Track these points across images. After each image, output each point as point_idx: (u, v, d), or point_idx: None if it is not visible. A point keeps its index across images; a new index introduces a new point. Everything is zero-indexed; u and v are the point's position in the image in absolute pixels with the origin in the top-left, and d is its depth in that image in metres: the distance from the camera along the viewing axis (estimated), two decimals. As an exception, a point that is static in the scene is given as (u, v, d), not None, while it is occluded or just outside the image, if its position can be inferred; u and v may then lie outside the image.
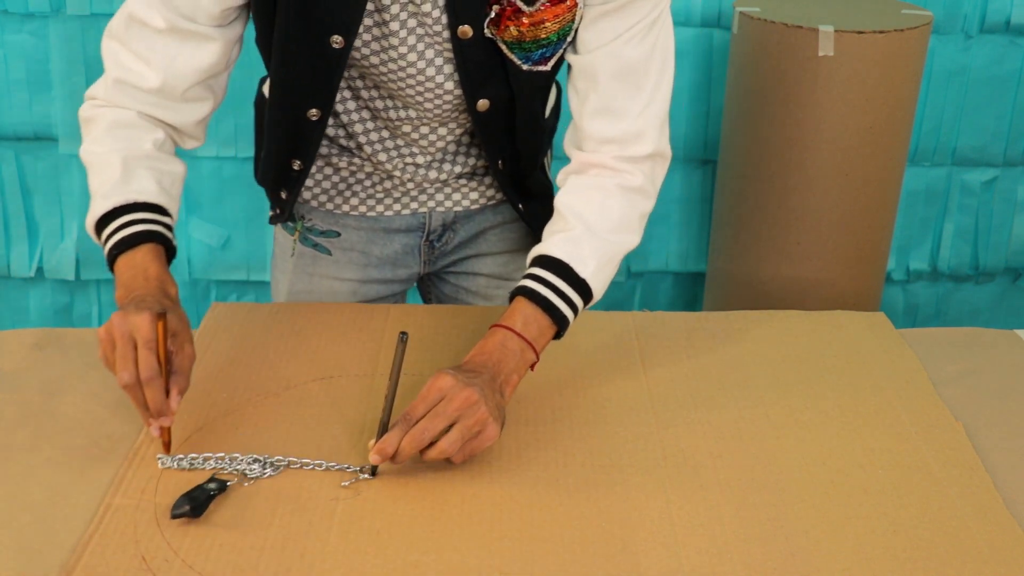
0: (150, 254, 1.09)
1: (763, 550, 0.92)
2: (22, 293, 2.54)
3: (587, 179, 1.16)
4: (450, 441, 0.98)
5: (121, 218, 1.10)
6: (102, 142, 1.14)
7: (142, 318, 0.99)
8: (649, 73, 1.14)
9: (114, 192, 1.11)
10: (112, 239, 1.09)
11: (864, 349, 1.26)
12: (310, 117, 1.19)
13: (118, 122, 1.14)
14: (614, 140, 1.15)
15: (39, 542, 0.92)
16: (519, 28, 1.11)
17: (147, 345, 0.98)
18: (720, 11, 2.33)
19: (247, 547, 0.91)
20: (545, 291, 1.10)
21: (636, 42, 1.12)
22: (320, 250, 1.37)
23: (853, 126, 1.95)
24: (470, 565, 0.90)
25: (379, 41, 1.13)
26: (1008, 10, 2.31)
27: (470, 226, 1.38)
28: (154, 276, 1.07)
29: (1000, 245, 2.57)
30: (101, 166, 1.13)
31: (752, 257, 2.12)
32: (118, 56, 1.14)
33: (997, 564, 0.91)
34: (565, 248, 1.12)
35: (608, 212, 1.14)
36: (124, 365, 0.98)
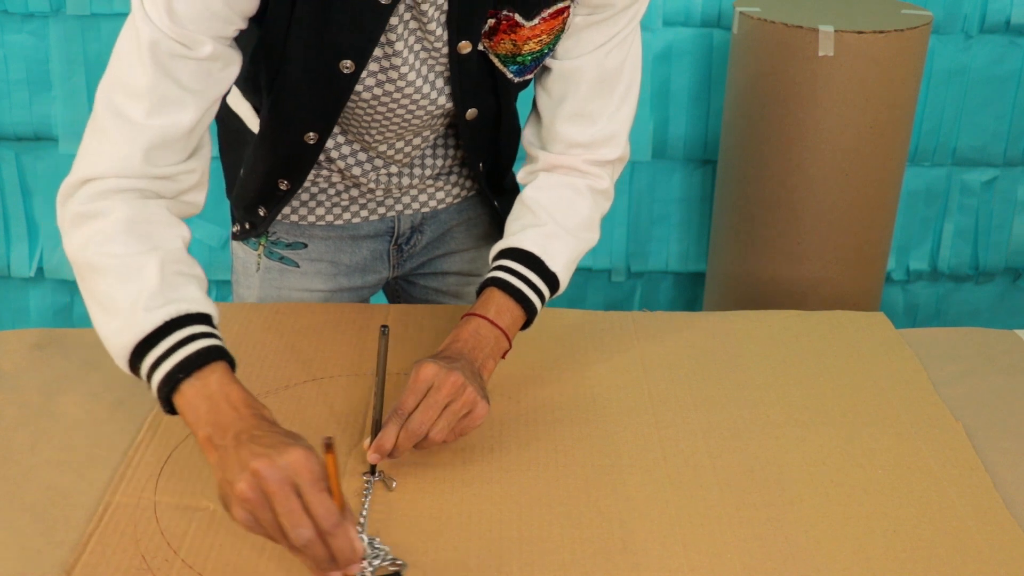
0: (226, 376, 0.91)
1: (763, 550, 0.92)
2: (22, 293, 2.54)
3: (557, 178, 1.19)
4: (439, 429, 0.99)
5: (174, 334, 0.91)
6: (123, 242, 0.94)
7: (296, 455, 0.81)
8: (621, 80, 1.17)
9: (159, 302, 0.91)
10: (167, 362, 0.90)
11: (864, 349, 1.27)
12: (307, 140, 1.16)
13: (138, 217, 0.96)
14: (584, 144, 1.18)
15: (39, 542, 0.92)
16: (515, 42, 1.12)
17: (315, 486, 0.80)
18: (720, 11, 2.33)
19: (247, 547, 0.91)
20: (518, 282, 1.12)
21: (616, 50, 1.15)
22: (287, 263, 1.34)
23: (853, 126, 1.95)
24: (470, 565, 0.90)
25: (379, 62, 1.11)
26: (1008, 10, 2.31)
27: (436, 226, 1.37)
28: (242, 403, 0.89)
29: (1000, 245, 2.57)
30: (128, 272, 0.93)
31: (752, 257, 2.12)
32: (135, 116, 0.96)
33: (997, 564, 0.91)
34: (538, 243, 1.15)
35: (577, 210, 1.18)
36: (296, 520, 0.79)
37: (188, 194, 1.03)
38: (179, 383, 0.90)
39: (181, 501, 0.97)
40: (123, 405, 1.12)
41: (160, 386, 0.90)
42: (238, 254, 1.39)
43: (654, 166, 2.47)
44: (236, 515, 0.82)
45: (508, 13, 1.10)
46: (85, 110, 2.33)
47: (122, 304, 0.92)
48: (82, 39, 2.27)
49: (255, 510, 0.81)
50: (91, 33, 2.27)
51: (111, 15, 2.25)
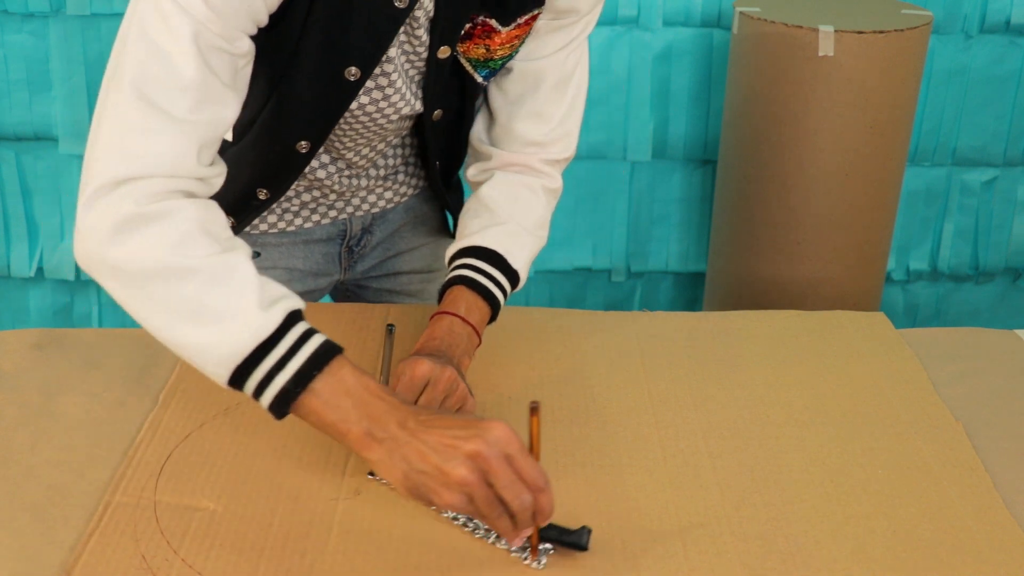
0: (354, 368, 0.88)
1: (763, 550, 0.92)
2: (22, 293, 2.54)
3: (513, 176, 1.22)
4: None
5: (292, 332, 0.87)
6: (203, 243, 0.88)
7: (501, 429, 0.83)
8: (572, 81, 1.21)
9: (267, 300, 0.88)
10: (294, 360, 0.86)
11: (864, 349, 1.27)
12: (299, 149, 1.14)
13: (206, 217, 0.90)
14: (539, 143, 1.21)
15: (39, 542, 0.92)
16: (488, 47, 1.13)
17: (524, 453, 0.83)
18: (720, 11, 2.33)
19: (247, 547, 0.91)
20: (484, 280, 1.15)
21: (575, 53, 1.19)
22: None
23: (853, 126, 1.95)
24: (470, 565, 0.90)
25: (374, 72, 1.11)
26: (1008, 10, 2.31)
27: (385, 226, 1.38)
28: (382, 391, 0.88)
29: (1000, 245, 2.57)
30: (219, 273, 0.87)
31: (752, 257, 2.13)
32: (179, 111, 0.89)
33: (997, 564, 0.91)
34: (501, 242, 1.17)
35: (534, 209, 1.21)
36: (518, 489, 0.83)
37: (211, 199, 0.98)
38: (311, 381, 0.86)
39: (181, 501, 0.97)
40: (123, 405, 1.12)
41: (288, 387, 0.86)
42: None
43: (654, 166, 2.47)
44: (447, 499, 0.83)
45: (485, 19, 1.11)
46: (85, 110, 2.33)
47: (223, 307, 0.86)
48: (82, 39, 2.27)
49: (474, 491, 0.82)
50: (91, 33, 2.27)
51: (111, 15, 2.25)
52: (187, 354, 0.88)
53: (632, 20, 2.32)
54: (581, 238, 2.53)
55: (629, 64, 2.35)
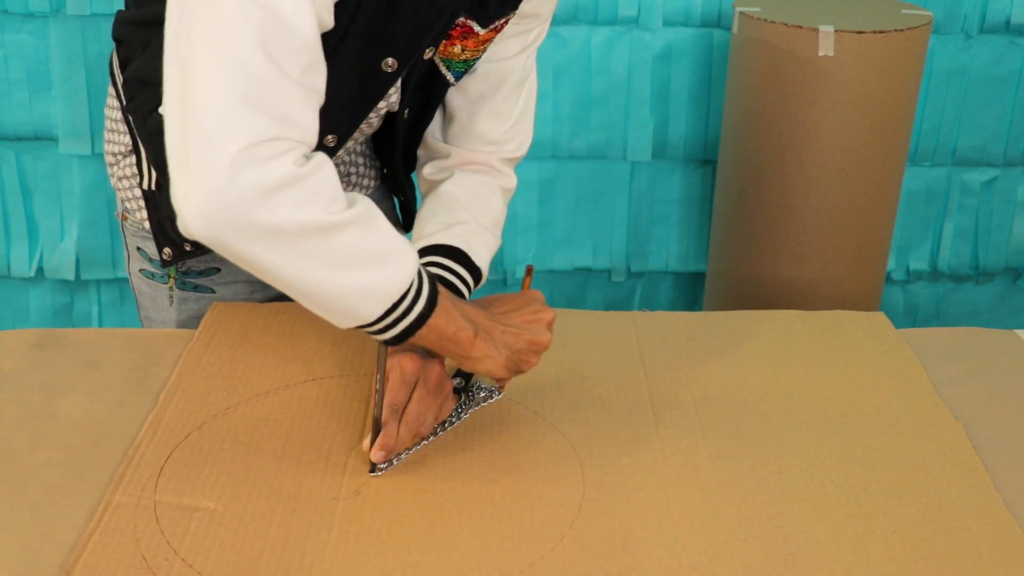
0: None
1: (763, 550, 0.92)
2: (22, 293, 2.54)
3: (472, 176, 1.24)
4: (427, 425, 1.03)
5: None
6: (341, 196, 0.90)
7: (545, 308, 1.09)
8: (528, 82, 1.24)
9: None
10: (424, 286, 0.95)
11: (864, 349, 1.27)
12: (326, 143, 1.12)
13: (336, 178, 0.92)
14: (496, 141, 1.24)
15: (39, 542, 0.92)
16: (464, 47, 1.14)
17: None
18: (720, 11, 2.33)
19: (247, 547, 0.91)
20: (451, 278, 1.16)
21: (532, 57, 1.24)
22: (202, 290, 1.29)
23: (853, 126, 1.95)
24: (470, 565, 0.90)
25: None
26: (1008, 10, 2.31)
27: None
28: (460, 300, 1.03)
29: (1000, 245, 2.57)
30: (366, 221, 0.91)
31: (752, 257, 2.12)
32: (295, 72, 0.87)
33: (997, 564, 0.91)
34: (462, 239, 1.18)
35: (493, 209, 1.24)
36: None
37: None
38: (437, 302, 0.96)
39: (181, 501, 0.97)
40: (123, 405, 1.12)
41: (424, 311, 0.94)
42: (142, 289, 1.32)
43: (654, 166, 2.47)
44: (535, 362, 1.06)
45: (466, 19, 1.12)
46: (85, 110, 2.33)
47: (382, 249, 0.90)
48: (82, 39, 2.27)
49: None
50: (91, 33, 2.27)
51: (111, 15, 2.25)
52: (348, 301, 0.91)
53: (632, 20, 2.32)
54: (581, 238, 2.53)
55: (629, 64, 2.35)
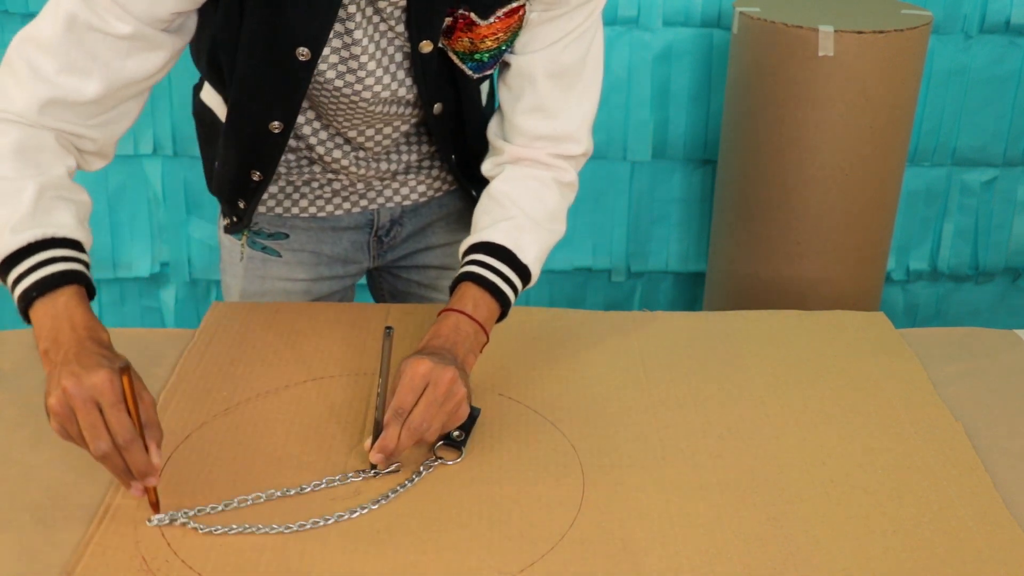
0: (74, 298, 0.97)
1: (763, 550, 0.92)
2: (22, 293, 2.54)
3: (523, 170, 1.20)
4: (433, 431, 1.00)
5: (36, 256, 0.98)
6: (9, 165, 1.00)
7: (101, 377, 0.88)
8: (582, 76, 1.19)
9: (26, 225, 0.98)
10: (26, 280, 0.97)
11: (864, 349, 1.27)
12: (272, 130, 1.17)
13: (28, 144, 1.02)
14: (547, 137, 1.19)
15: (39, 542, 0.92)
16: (471, 39, 1.13)
17: (115, 406, 0.89)
18: (720, 11, 2.33)
19: (247, 547, 0.91)
20: (492, 276, 1.13)
21: (573, 46, 1.16)
22: (269, 252, 1.36)
23: (853, 126, 1.95)
24: (470, 565, 0.90)
25: (339, 53, 1.12)
26: (1008, 10, 2.31)
27: (416, 220, 1.39)
28: (81, 324, 0.95)
29: (1000, 245, 2.57)
30: (8, 193, 0.99)
31: (752, 257, 2.12)
32: (42, 69, 1.01)
33: (997, 564, 0.91)
34: (508, 235, 1.16)
35: (545, 203, 1.20)
36: (96, 434, 0.88)
37: (85, 154, 1.09)
38: (33, 301, 0.97)
39: (181, 502, 0.97)
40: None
41: (18, 301, 0.98)
42: (225, 244, 1.41)
43: (654, 166, 2.47)
44: (51, 424, 0.91)
45: (464, 12, 1.11)
46: (85, 110, 2.33)
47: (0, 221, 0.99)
48: None
49: (63, 422, 0.90)
50: (91, 33, 2.27)
51: (111, 15, 2.25)
52: None
53: (632, 20, 2.32)
54: (581, 238, 2.53)
55: (629, 64, 2.35)
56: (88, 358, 0.91)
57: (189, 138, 2.36)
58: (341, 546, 0.92)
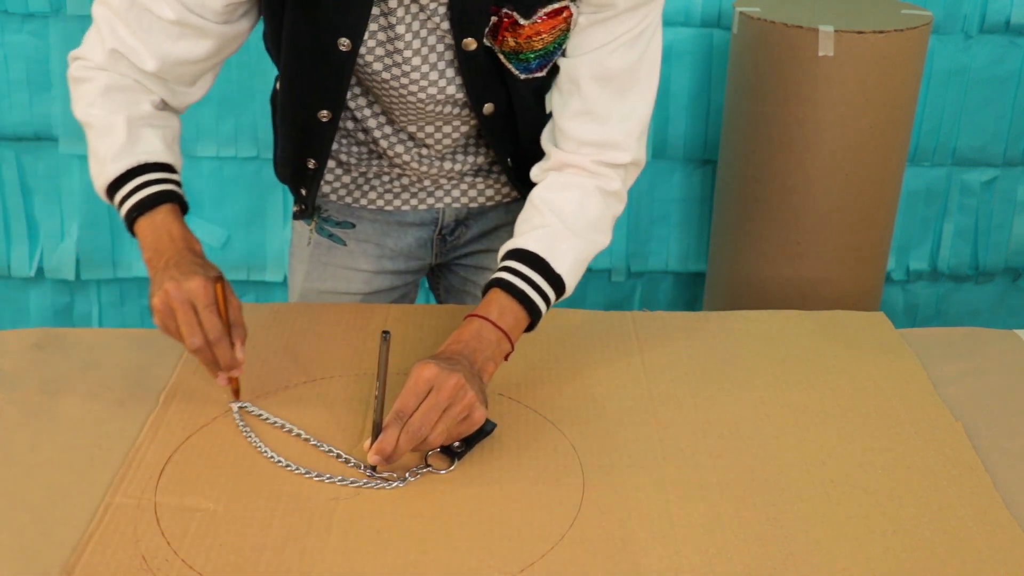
0: (170, 215, 1.12)
1: (763, 550, 0.92)
2: (22, 293, 2.54)
3: (565, 177, 1.18)
4: (437, 433, 0.99)
5: (134, 180, 1.13)
6: (100, 105, 1.15)
7: (196, 283, 1.03)
8: (634, 83, 1.15)
9: (123, 155, 1.13)
10: (128, 202, 1.12)
11: (864, 349, 1.26)
12: (320, 118, 1.20)
13: (114, 86, 1.15)
14: (594, 143, 1.16)
15: (39, 542, 0.92)
16: (516, 40, 1.12)
17: (208, 308, 1.03)
18: (720, 11, 2.33)
19: (247, 547, 0.91)
20: (521, 283, 1.11)
21: (623, 51, 1.13)
22: (335, 240, 1.40)
23: (853, 126, 1.95)
24: (470, 565, 0.90)
25: (384, 46, 1.14)
26: (1008, 10, 2.31)
27: (483, 222, 1.39)
28: (178, 236, 1.11)
29: (1000, 245, 2.57)
30: (104, 128, 1.15)
31: (752, 257, 2.12)
32: (115, 28, 1.13)
33: (997, 564, 0.91)
34: (542, 243, 1.13)
35: (586, 211, 1.16)
36: (191, 331, 1.03)
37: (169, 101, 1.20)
38: (135, 220, 1.12)
39: (181, 501, 0.97)
40: (123, 405, 1.12)
41: (124, 220, 1.14)
42: (296, 228, 1.45)
43: (654, 166, 2.47)
44: (154, 320, 1.06)
45: (508, 11, 1.10)
46: (85, 110, 2.33)
47: (101, 154, 1.14)
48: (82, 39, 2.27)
49: (164, 319, 1.04)
50: (91, 33, 2.27)
51: (111, 15, 2.25)
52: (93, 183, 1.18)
53: (632, 20, 2.32)
54: (581, 238, 2.53)
55: (629, 64, 2.35)
56: (186, 266, 1.06)
57: (189, 138, 2.36)
58: (341, 546, 0.92)
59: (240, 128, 2.34)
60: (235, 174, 2.40)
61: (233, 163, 2.39)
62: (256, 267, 2.51)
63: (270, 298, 2.55)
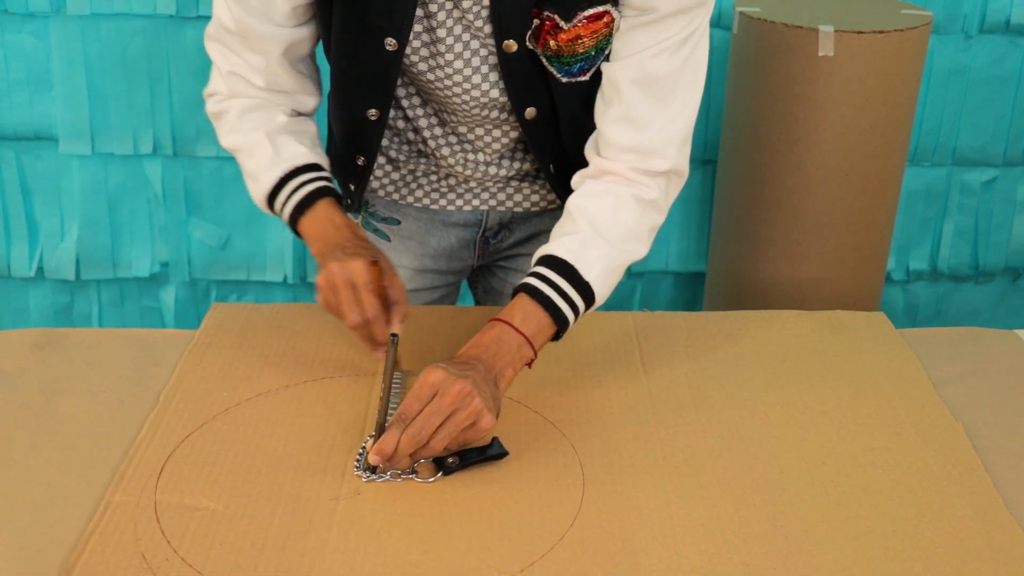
0: (329, 207, 1.20)
1: (763, 550, 0.92)
2: (22, 293, 2.54)
3: (602, 185, 1.16)
4: (440, 438, 0.99)
5: (288, 185, 1.20)
6: (240, 128, 1.22)
7: (357, 264, 1.09)
8: (677, 89, 1.14)
9: (273, 166, 1.21)
10: (288, 205, 1.20)
11: (864, 349, 1.27)
12: (369, 117, 1.22)
13: (248, 107, 1.22)
14: (633, 150, 1.14)
15: (39, 542, 0.92)
16: (557, 43, 1.12)
17: (367, 288, 1.09)
18: (720, 11, 2.33)
19: (247, 547, 0.91)
20: (547, 289, 1.09)
21: (665, 56, 1.11)
22: (380, 235, 1.41)
23: (853, 126, 1.95)
24: (470, 565, 0.90)
25: (428, 47, 1.15)
26: (1008, 10, 2.31)
27: (527, 227, 1.39)
28: (342, 224, 1.18)
29: (1000, 245, 2.57)
30: (251, 148, 1.22)
31: (752, 257, 2.12)
32: (226, 56, 1.21)
33: (997, 564, 0.91)
34: (571, 250, 1.11)
35: (620, 219, 1.14)
36: (351, 308, 1.09)
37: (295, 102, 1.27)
38: (297, 222, 1.21)
39: (181, 501, 0.97)
40: (123, 405, 1.12)
41: (289, 224, 1.22)
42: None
43: (654, 166, 2.47)
44: (317, 298, 1.13)
45: (549, 14, 1.11)
46: (85, 110, 2.33)
47: (254, 170, 1.22)
48: (82, 39, 2.27)
49: (326, 296, 1.12)
50: (91, 33, 2.26)
51: (111, 15, 2.25)
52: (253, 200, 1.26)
53: (632, 20, 2.32)
54: (581, 238, 2.53)
55: (629, 64, 2.35)
56: (351, 248, 1.13)
57: (189, 138, 2.36)
58: (341, 546, 0.92)
59: (240, 128, 2.34)
60: (235, 174, 2.40)
61: (233, 163, 2.39)
62: (256, 267, 2.51)
63: (270, 298, 2.55)
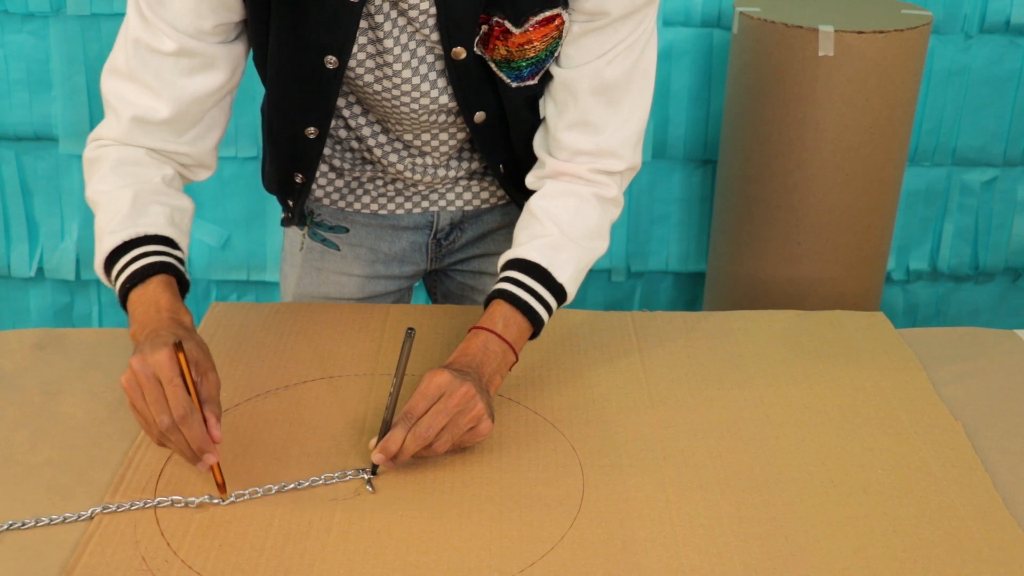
0: (161, 285, 1.03)
1: (763, 550, 0.92)
2: (22, 293, 2.54)
3: (563, 185, 1.17)
4: (443, 440, 0.99)
5: (130, 252, 1.05)
6: (109, 180, 1.10)
7: (160, 355, 0.93)
8: (629, 91, 1.15)
9: (122, 227, 1.06)
10: (123, 275, 1.05)
11: (864, 349, 1.27)
12: (308, 135, 1.19)
13: (124, 159, 1.11)
14: (589, 152, 1.16)
15: (39, 542, 0.92)
16: (507, 48, 1.12)
17: (171, 382, 0.92)
18: (720, 11, 2.33)
19: (247, 547, 0.91)
20: (524, 295, 1.11)
21: (619, 60, 1.13)
22: (328, 245, 1.39)
23: (853, 126, 1.95)
24: (470, 565, 0.90)
25: (374, 59, 1.13)
26: (1008, 10, 2.31)
27: (477, 226, 1.39)
28: (166, 307, 1.02)
29: (1000, 245, 2.57)
30: (109, 203, 1.09)
31: (752, 257, 2.12)
32: (124, 94, 1.11)
33: (997, 564, 0.91)
34: (544, 253, 1.13)
35: (584, 219, 1.16)
36: (158, 409, 0.92)
37: (185, 167, 1.17)
38: (128, 292, 1.04)
39: (181, 502, 0.97)
40: (123, 405, 1.12)
41: (119, 297, 1.06)
42: (288, 234, 1.45)
43: (654, 166, 2.47)
44: (127, 402, 0.96)
45: (499, 20, 1.10)
46: (85, 110, 2.33)
47: (101, 228, 1.08)
48: (82, 39, 2.27)
49: (133, 399, 0.95)
50: (91, 33, 2.27)
51: (111, 15, 2.25)
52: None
53: (632, 20, 2.32)
54: (581, 238, 2.53)
55: (629, 64, 2.35)
56: (160, 338, 0.96)
57: (189, 138, 2.36)
58: (341, 546, 0.92)
59: (240, 128, 2.34)
60: (235, 174, 2.40)
61: (233, 163, 2.39)
62: (256, 267, 2.51)
63: (270, 298, 2.55)
